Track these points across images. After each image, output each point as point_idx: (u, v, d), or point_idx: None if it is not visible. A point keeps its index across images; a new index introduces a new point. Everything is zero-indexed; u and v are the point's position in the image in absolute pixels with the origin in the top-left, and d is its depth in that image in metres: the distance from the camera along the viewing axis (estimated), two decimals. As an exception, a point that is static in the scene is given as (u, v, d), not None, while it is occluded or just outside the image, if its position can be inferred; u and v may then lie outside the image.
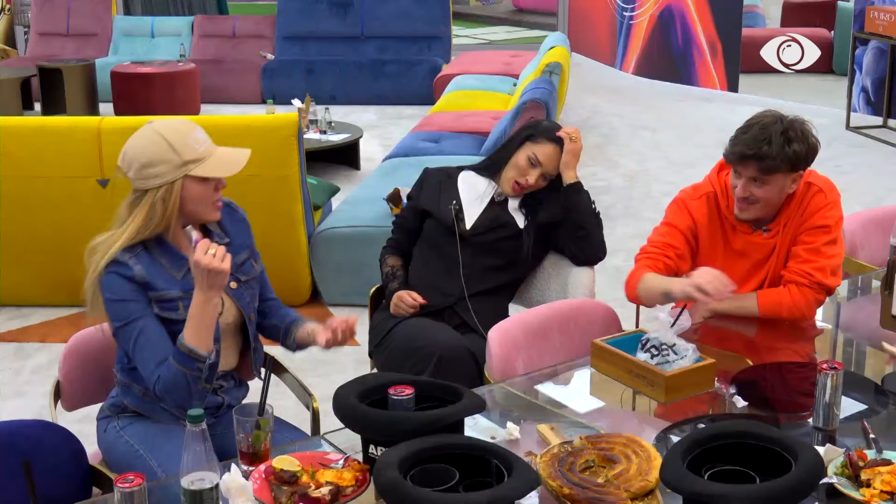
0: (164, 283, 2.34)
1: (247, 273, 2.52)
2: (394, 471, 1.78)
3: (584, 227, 3.15)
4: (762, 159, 2.68)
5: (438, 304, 3.11)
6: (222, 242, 2.44)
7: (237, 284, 2.48)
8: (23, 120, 5.63)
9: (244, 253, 2.52)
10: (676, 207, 2.94)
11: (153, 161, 2.30)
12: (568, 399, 2.44)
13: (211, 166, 2.34)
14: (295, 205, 4.71)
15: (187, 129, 2.36)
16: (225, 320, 2.43)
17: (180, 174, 2.31)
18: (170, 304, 2.35)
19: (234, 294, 2.47)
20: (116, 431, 2.48)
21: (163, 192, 2.31)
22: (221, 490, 1.84)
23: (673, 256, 2.87)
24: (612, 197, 6.76)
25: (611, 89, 10.58)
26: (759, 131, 2.70)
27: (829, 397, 2.18)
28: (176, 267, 2.38)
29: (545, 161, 3.13)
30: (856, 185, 6.98)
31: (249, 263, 2.54)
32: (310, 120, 7.31)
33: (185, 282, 2.35)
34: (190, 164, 2.32)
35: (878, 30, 8.24)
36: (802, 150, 2.71)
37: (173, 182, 2.31)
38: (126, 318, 2.32)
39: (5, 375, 4.24)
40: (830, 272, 2.80)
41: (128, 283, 2.31)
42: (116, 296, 2.31)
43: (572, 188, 3.15)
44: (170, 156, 2.30)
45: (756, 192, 2.74)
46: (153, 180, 2.31)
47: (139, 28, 10.42)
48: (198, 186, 2.34)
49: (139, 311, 2.32)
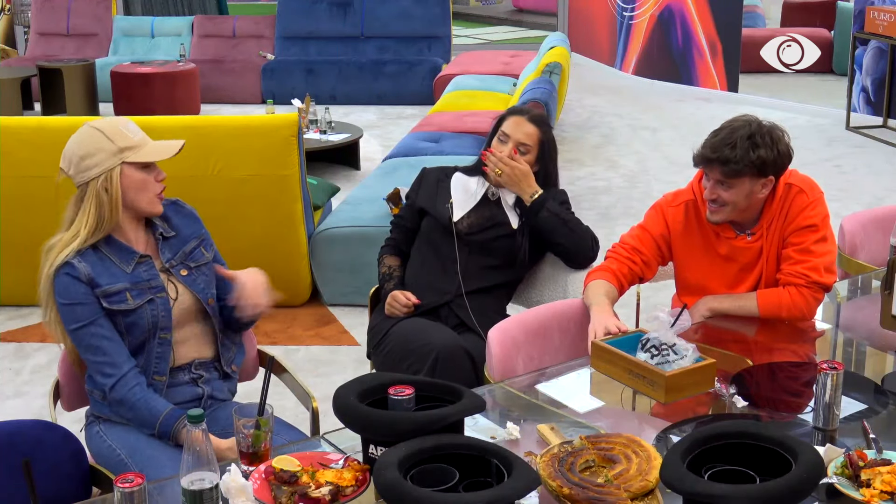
0: (109, 279, 2.40)
1: (196, 260, 2.56)
2: (394, 471, 1.78)
3: (559, 242, 3.14)
4: (725, 163, 2.71)
5: (435, 301, 3.11)
6: (168, 236, 2.51)
7: (187, 272, 2.53)
8: (23, 120, 5.63)
9: (193, 241, 2.57)
10: (653, 213, 2.98)
11: (90, 152, 2.38)
12: (568, 399, 2.44)
13: (145, 152, 2.41)
14: (295, 205, 4.71)
15: (120, 121, 2.46)
16: (181, 306, 2.49)
17: (117, 161, 2.38)
18: (118, 297, 2.40)
19: (186, 280, 2.52)
20: (100, 436, 2.50)
21: (102, 181, 2.37)
22: (221, 490, 1.84)
23: (639, 262, 2.92)
24: (612, 197, 6.76)
25: (611, 89, 10.58)
26: (727, 135, 2.74)
27: (829, 397, 2.18)
28: (124, 261, 2.43)
29: (512, 131, 3.14)
30: (856, 185, 6.99)
31: (199, 251, 2.58)
32: (310, 120, 7.31)
33: (134, 275, 2.42)
34: (126, 150, 2.39)
35: (878, 30, 8.24)
36: (770, 155, 2.72)
37: (112, 169, 2.38)
38: (77, 321, 2.38)
39: (5, 375, 4.24)
40: (824, 269, 2.80)
41: (76, 283, 2.36)
42: (66, 299, 2.37)
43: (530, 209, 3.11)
44: (105, 144, 2.38)
45: (723, 195, 2.76)
46: (92, 171, 2.38)
47: (139, 28, 10.42)
48: (137, 174, 2.41)
49: (89, 315, 2.38)
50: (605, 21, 11.61)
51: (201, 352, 2.56)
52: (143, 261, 2.45)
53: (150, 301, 2.42)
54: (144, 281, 2.43)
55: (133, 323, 2.41)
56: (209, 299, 2.55)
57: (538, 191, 3.13)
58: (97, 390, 2.46)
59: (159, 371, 2.46)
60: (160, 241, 2.50)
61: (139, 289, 2.41)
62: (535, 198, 3.12)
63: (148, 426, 2.39)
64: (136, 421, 2.41)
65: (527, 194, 3.12)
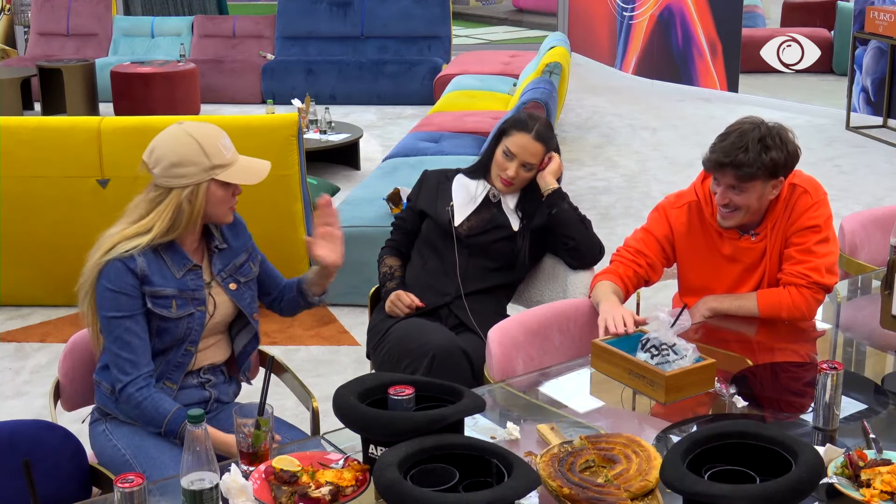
0: (161, 280, 2.39)
1: (246, 275, 2.57)
2: (394, 471, 1.78)
3: (573, 237, 3.15)
4: (739, 167, 2.69)
5: (435, 302, 3.11)
6: (222, 248, 2.51)
7: (236, 286, 2.53)
8: (23, 120, 5.63)
9: (243, 255, 2.57)
10: (657, 215, 2.98)
11: (183, 161, 2.36)
12: (568, 399, 2.44)
13: (236, 173, 2.42)
14: (295, 205, 4.71)
15: (217, 133, 2.44)
16: (215, 319, 2.50)
17: (207, 177, 2.38)
18: (164, 301, 2.39)
19: (234, 295, 2.52)
20: (106, 435, 2.49)
21: (188, 193, 2.37)
22: (221, 490, 1.84)
23: (643, 265, 2.92)
24: (612, 197, 6.76)
25: (611, 89, 10.58)
26: (737, 139, 2.71)
27: (829, 397, 2.18)
28: (177, 265, 2.42)
29: (518, 151, 3.14)
30: (856, 185, 6.99)
31: (248, 266, 2.58)
32: (310, 120, 7.31)
33: (182, 281, 2.41)
34: (217, 168, 2.39)
35: (878, 30, 8.24)
36: (781, 157, 2.71)
37: (199, 184, 2.38)
38: (117, 310, 2.36)
39: (5, 375, 4.24)
40: (826, 270, 2.80)
41: (129, 275, 2.35)
42: (113, 286, 2.35)
43: (553, 196, 3.15)
44: (200, 158, 2.37)
45: (735, 199, 2.75)
46: (180, 180, 2.37)
47: (139, 28, 10.42)
48: (220, 191, 2.42)
49: (130, 308, 2.36)
50: (605, 21, 11.61)
51: (215, 357, 2.57)
52: (194, 269, 2.45)
53: (190, 314, 2.43)
54: (190, 290, 2.43)
55: (167, 329, 2.41)
56: (254, 314, 2.57)
57: (555, 185, 3.17)
58: (108, 384, 2.44)
59: (172, 379, 2.46)
60: (214, 252, 2.51)
61: (184, 298, 2.41)
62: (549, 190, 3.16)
63: (154, 425, 2.39)
64: (142, 419, 2.40)
65: (552, 179, 3.18)
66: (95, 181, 4.63)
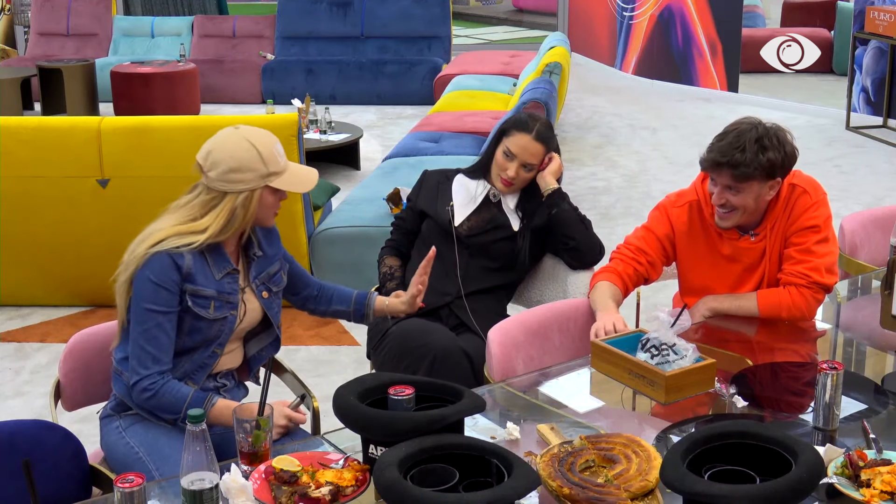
0: (204, 280, 2.41)
1: (277, 284, 2.60)
2: (394, 471, 1.78)
3: (573, 237, 3.16)
4: (735, 167, 2.69)
5: (435, 303, 3.11)
6: (257, 256, 2.54)
7: (269, 294, 2.56)
8: (23, 120, 5.63)
9: (276, 264, 2.61)
10: (658, 213, 2.98)
11: (241, 167, 2.39)
12: (568, 399, 2.44)
13: (288, 181, 2.46)
14: (295, 205, 4.70)
15: (272, 140, 2.47)
16: (242, 325, 2.52)
17: (262, 184, 2.41)
18: (203, 301, 2.41)
19: (265, 303, 2.55)
20: (118, 432, 2.48)
21: (243, 199, 2.40)
22: (221, 490, 1.84)
23: (644, 262, 2.93)
24: (612, 197, 6.76)
25: (611, 89, 10.58)
26: (734, 138, 2.71)
27: (829, 397, 2.18)
28: (218, 268, 2.44)
29: (519, 151, 3.14)
30: (856, 185, 6.99)
31: (279, 276, 2.61)
32: (310, 120, 7.31)
33: (220, 284, 2.44)
34: (272, 175, 2.42)
35: (878, 30, 8.24)
36: (778, 157, 2.71)
37: (254, 190, 2.40)
38: (154, 302, 2.36)
39: (5, 375, 4.24)
40: (825, 270, 2.81)
41: (173, 270, 2.37)
42: (156, 278, 2.36)
43: (553, 196, 3.16)
44: (258, 165, 2.40)
45: (732, 200, 2.75)
46: (237, 185, 2.39)
47: (139, 28, 10.42)
48: (271, 197, 2.45)
49: (167, 304, 2.37)
50: (605, 21, 11.61)
51: (232, 363, 2.58)
52: (232, 273, 2.47)
53: (223, 318, 2.44)
54: (227, 294, 2.44)
55: (199, 329, 2.42)
56: (279, 323, 2.61)
57: (555, 185, 3.18)
58: (126, 373, 2.43)
59: (195, 379, 2.45)
60: (253, 260, 2.53)
61: (222, 300, 2.43)
62: (550, 190, 3.16)
63: (173, 411, 2.37)
64: (160, 407, 2.38)
65: (552, 179, 3.19)
66: (95, 181, 4.63)
